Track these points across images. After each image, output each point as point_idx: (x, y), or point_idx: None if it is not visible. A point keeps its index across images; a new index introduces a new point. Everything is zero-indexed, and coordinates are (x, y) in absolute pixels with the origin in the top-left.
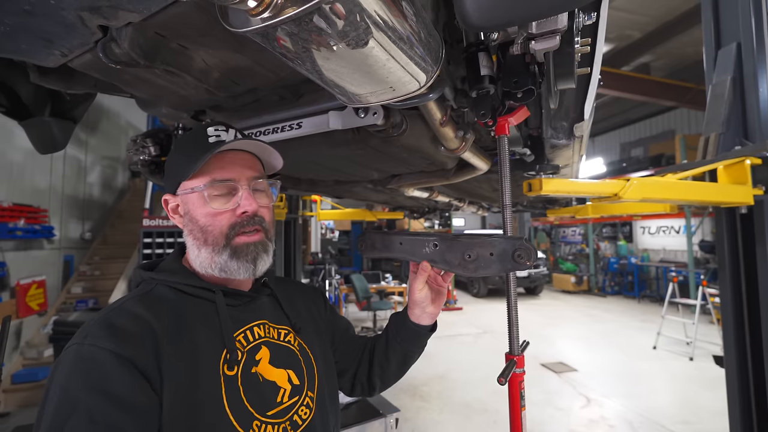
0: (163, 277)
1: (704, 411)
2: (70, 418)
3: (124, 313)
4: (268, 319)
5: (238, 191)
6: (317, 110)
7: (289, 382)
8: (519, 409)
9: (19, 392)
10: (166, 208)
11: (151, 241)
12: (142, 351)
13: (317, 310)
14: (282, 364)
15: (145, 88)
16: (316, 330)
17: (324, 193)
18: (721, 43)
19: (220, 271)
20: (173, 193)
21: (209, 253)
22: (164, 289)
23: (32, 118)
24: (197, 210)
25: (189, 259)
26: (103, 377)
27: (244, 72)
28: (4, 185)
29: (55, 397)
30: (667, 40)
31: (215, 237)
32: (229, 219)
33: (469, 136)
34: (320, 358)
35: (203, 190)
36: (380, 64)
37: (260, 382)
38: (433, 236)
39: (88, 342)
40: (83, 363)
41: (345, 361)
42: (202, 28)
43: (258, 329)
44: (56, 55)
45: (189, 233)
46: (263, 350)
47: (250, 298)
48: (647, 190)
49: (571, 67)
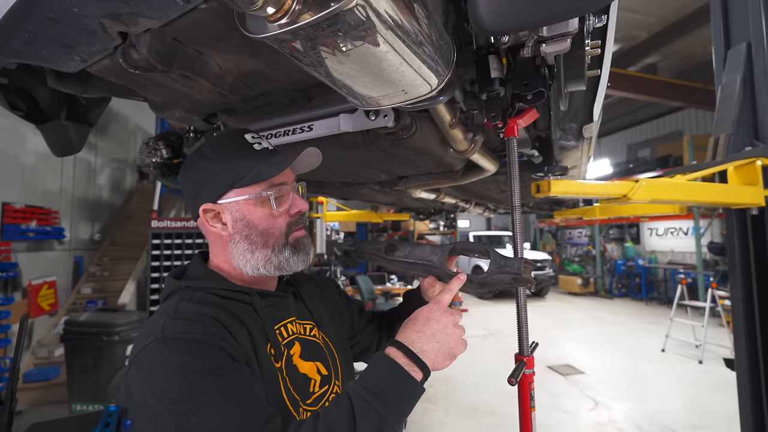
0: (200, 284)
1: (714, 415)
2: (194, 403)
3: (186, 312)
4: (296, 316)
5: (289, 193)
6: (328, 113)
7: (318, 373)
8: (529, 409)
9: (31, 391)
10: (204, 218)
11: (159, 243)
12: (224, 335)
13: (333, 302)
14: (311, 357)
15: (161, 92)
16: (333, 322)
17: (331, 195)
18: (731, 43)
19: (275, 269)
20: (213, 201)
21: (267, 255)
22: (203, 295)
23: (49, 122)
24: (255, 215)
25: (224, 263)
26: (203, 355)
27: (257, 76)
28: (17, 187)
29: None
30: (674, 41)
31: (277, 238)
32: (285, 219)
33: (478, 137)
34: (340, 350)
35: (269, 194)
36: (393, 67)
37: (299, 374)
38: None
39: (170, 335)
40: (176, 352)
41: (366, 339)
42: (219, 34)
43: (291, 326)
44: (76, 60)
45: (243, 239)
46: (296, 345)
47: (279, 297)
48: (656, 191)
49: (582, 69)
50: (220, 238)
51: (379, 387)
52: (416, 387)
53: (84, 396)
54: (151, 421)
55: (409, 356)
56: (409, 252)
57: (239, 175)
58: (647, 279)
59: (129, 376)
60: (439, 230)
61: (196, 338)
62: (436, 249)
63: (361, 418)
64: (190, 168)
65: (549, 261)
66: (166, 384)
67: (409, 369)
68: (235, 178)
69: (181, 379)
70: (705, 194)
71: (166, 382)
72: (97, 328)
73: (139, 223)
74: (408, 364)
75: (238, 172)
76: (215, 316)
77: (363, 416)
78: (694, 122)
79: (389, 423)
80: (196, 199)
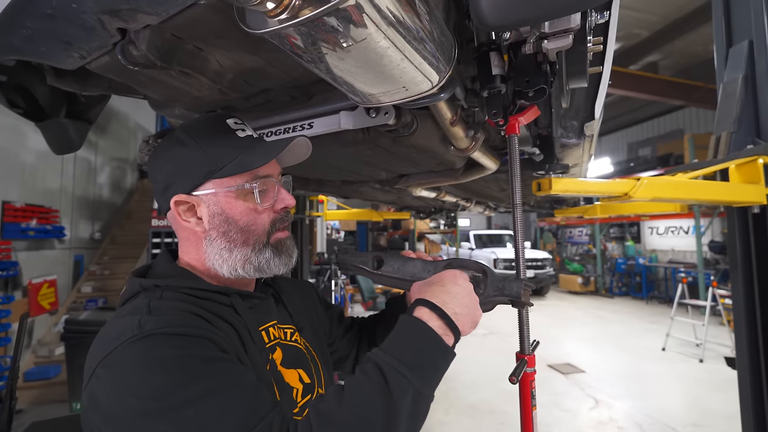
0: (171, 282)
1: (715, 414)
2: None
3: (161, 308)
4: (277, 319)
5: (275, 187)
6: (328, 110)
7: (301, 381)
8: (530, 408)
9: (32, 389)
10: (175, 210)
11: (160, 241)
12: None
13: (313, 306)
14: (293, 364)
15: (160, 90)
16: (312, 327)
17: (331, 193)
18: (733, 40)
19: (255, 270)
20: (187, 193)
21: (247, 254)
22: (174, 294)
23: (48, 119)
24: (235, 209)
25: (196, 262)
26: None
27: (257, 73)
28: (17, 186)
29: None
30: (676, 39)
31: (258, 235)
32: (269, 216)
33: (479, 135)
34: (321, 356)
35: (253, 187)
36: (394, 63)
37: (283, 383)
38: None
39: (149, 332)
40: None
41: (344, 348)
42: (218, 30)
43: (273, 330)
44: (75, 57)
45: (221, 236)
46: (278, 351)
47: (259, 299)
48: (658, 189)
49: (584, 65)
50: (193, 234)
51: (413, 356)
52: (450, 354)
53: None
54: (133, 428)
55: (443, 318)
56: (398, 267)
57: (219, 164)
58: (648, 278)
59: (91, 385)
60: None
61: (180, 331)
62: (428, 265)
63: (398, 393)
64: (161, 155)
65: (549, 260)
66: (149, 379)
67: (443, 334)
68: (214, 167)
69: (168, 372)
70: (706, 192)
71: (150, 376)
72: (97, 326)
73: (139, 222)
74: (442, 328)
75: (217, 160)
76: (195, 312)
77: (399, 391)
78: (694, 121)
79: (426, 395)
80: (167, 190)
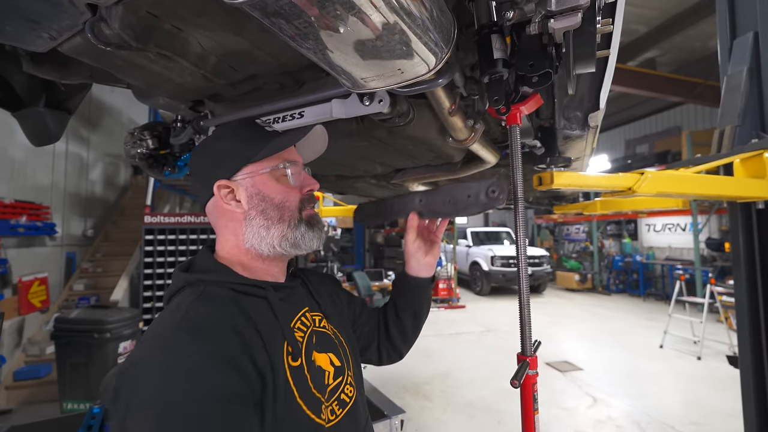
0: (212, 277)
1: (714, 412)
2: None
3: (196, 314)
4: (308, 306)
5: (302, 171)
6: (320, 98)
7: (331, 364)
8: (532, 412)
9: (22, 389)
10: (218, 195)
11: (153, 238)
12: (235, 348)
13: (337, 296)
14: (324, 348)
15: (140, 75)
16: (339, 315)
17: (326, 189)
18: (737, 32)
19: (291, 246)
20: (228, 179)
21: (283, 230)
22: (216, 288)
23: (26, 109)
24: (271, 188)
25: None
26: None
27: (242, 56)
28: (6, 182)
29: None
30: (675, 34)
31: (292, 211)
32: (298, 195)
33: (478, 126)
34: (348, 341)
35: (286, 166)
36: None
37: (315, 367)
38: (417, 193)
39: (177, 349)
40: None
41: (368, 335)
42: (197, 7)
43: (305, 318)
44: (44, 38)
45: (259, 214)
46: (312, 336)
47: (291, 288)
48: (662, 183)
49: (592, 48)
50: (233, 218)
51: None
52: None
53: (75, 394)
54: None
55: None
56: None
57: (254, 150)
58: (645, 275)
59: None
60: None
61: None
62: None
63: None
64: (203, 150)
65: (547, 257)
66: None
67: None
68: (250, 153)
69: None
70: (711, 187)
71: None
72: (87, 325)
73: (132, 219)
74: None
75: (252, 147)
76: (231, 322)
77: None
78: (692, 118)
79: None
80: (210, 179)
